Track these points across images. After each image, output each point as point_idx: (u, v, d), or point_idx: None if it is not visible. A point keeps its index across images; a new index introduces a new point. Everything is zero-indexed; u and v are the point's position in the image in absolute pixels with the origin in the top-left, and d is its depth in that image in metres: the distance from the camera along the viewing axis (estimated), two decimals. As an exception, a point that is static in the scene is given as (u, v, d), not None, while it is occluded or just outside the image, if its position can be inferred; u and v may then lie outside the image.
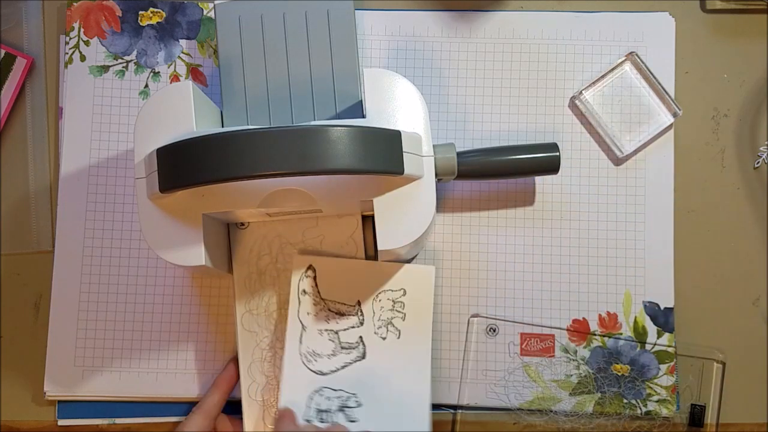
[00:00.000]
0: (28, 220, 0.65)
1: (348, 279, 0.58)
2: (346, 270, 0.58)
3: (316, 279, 0.57)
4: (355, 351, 0.57)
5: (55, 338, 0.63)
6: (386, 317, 0.57)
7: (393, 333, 0.57)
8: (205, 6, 0.66)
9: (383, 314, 0.57)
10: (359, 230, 0.60)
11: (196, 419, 0.56)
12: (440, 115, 0.65)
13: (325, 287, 0.57)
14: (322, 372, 0.57)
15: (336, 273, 0.58)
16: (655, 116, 0.65)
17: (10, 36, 0.67)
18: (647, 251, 0.64)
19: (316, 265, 0.57)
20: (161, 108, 0.54)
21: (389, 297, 0.58)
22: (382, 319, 0.57)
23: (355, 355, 0.57)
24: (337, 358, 0.57)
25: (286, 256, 0.60)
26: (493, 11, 0.66)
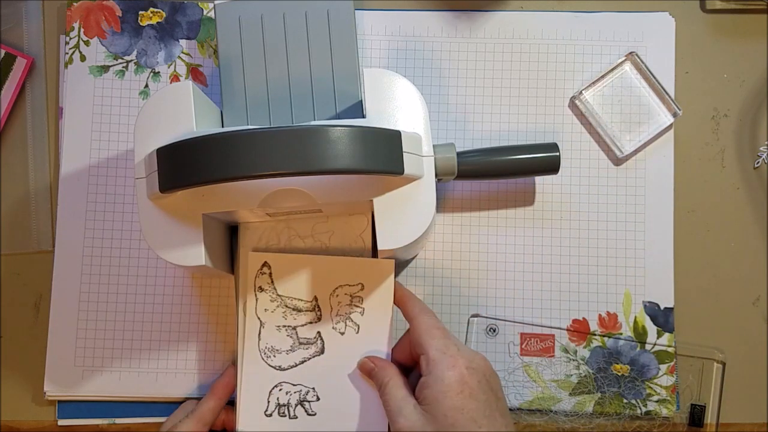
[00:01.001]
0: (28, 220, 0.65)
1: (304, 275, 0.58)
2: (302, 266, 0.58)
3: (272, 276, 0.58)
4: (313, 346, 0.57)
5: (55, 338, 0.63)
6: (344, 312, 0.58)
7: (352, 328, 0.57)
8: (205, 6, 0.66)
9: (341, 309, 0.58)
10: (368, 230, 0.60)
11: (189, 424, 0.56)
12: (440, 115, 0.65)
13: (281, 284, 0.58)
14: (281, 367, 0.57)
15: (292, 269, 0.58)
16: (655, 116, 0.65)
17: (10, 36, 0.67)
18: (647, 251, 0.64)
19: (271, 261, 0.58)
20: (161, 108, 0.54)
21: (347, 292, 0.58)
22: (340, 314, 0.58)
23: (313, 351, 0.57)
24: (295, 353, 0.57)
25: (293, 249, 0.60)
26: (493, 11, 0.66)
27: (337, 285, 0.58)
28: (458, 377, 0.50)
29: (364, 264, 0.58)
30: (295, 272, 0.58)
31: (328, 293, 0.58)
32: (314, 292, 0.58)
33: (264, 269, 0.58)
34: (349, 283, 0.58)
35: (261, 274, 0.58)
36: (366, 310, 0.57)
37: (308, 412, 0.57)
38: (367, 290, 0.58)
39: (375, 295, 0.58)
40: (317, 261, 0.58)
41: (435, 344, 0.52)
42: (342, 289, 0.58)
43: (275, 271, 0.58)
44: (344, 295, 0.58)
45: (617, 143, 0.64)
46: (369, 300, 0.58)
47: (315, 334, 0.57)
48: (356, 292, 0.58)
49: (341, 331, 0.58)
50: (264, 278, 0.58)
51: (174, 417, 0.58)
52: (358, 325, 0.57)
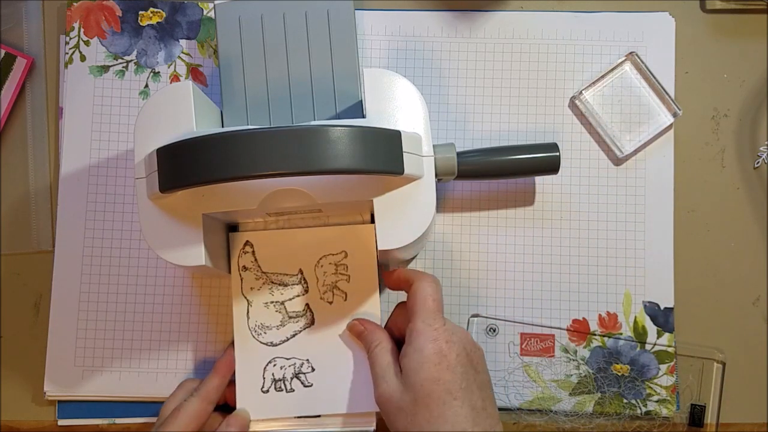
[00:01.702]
0: (28, 220, 0.65)
1: (287, 249, 0.58)
2: (283, 240, 0.58)
3: (254, 254, 0.58)
4: (303, 319, 0.58)
5: (55, 338, 0.63)
6: (330, 281, 0.58)
7: (339, 296, 0.58)
8: (205, 6, 0.66)
9: (327, 279, 0.58)
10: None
11: (195, 402, 0.56)
12: (440, 115, 0.65)
13: (265, 260, 0.58)
14: (273, 343, 0.58)
15: (274, 245, 0.58)
16: (655, 116, 0.65)
17: (10, 36, 0.67)
18: (647, 251, 0.64)
19: (252, 240, 0.58)
20: (161, 108, 0.54)
21: (331, 261, 0.58)
22: (327, 284, 0.58)
23: (303, 323, 0.58)
24: (285, 327, 0.58)
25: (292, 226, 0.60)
26: (493, 11, 0.66)
27: (321, 255, 0.58)
28: (437, 349, 0.51)
29: (345, 231, 0.59)
30: (277, 247, 0.58)
31: (313, 264, 0.58)
32: (299, 265, 0.58)
33: (246, 248, 0.58)
34: (332, 252, 0.58)
35: (243, 253, 0.58)
36: (352, 278, 0.58)
37: (304, 383, 0.57)
38: (351, 257, 0.58)
39: (359, 261, 0.58)
40: (298, 234, 0.59)
41: (423, 315, 0.53)
42: (326, 259, 0.58)
43: (258, 249, 0.58)
44: (329, 264, 0.58)
45: (617, 143, 0.64)
46: (354, 267, 0.58)
47: (303, 306, 0.58)
48: (340, 261, 0.58)
49: (329, 300, 0.58)
50: (247, 257, 0.58)
51: (175, 397, 0.58)
52: (346, 293, 0.58)
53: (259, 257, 0.58)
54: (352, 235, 0.58)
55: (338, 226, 0.59)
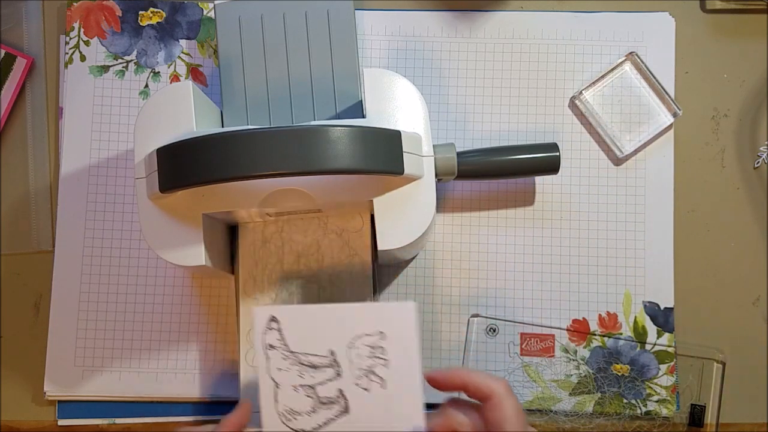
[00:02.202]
0: (28, 220, 0.65)
1: (317, 327, 0.51)
2: (312, 317, 0.52)
3: (281, 331, 0.52)
4: (336, 405, 0.51)
5: (55, 338, 0.63)
6: (366, 365, 0.51)
7: (376, 382, 0.51)
8: (205, 6, 0.66)
9: (362, 362, 0.51)
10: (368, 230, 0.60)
11: None
12: (440, 115, 0.65)
13: (293, 339, 0.51)
14: (304, 430, 0.51)
15: (302, 322, 0.52)
16: (655, 116, 0.65)
17: (10, 36, 0.67)
18: (647, 251, 0.64)
19: (279, 316, 0.52)
20: (161, 108, 0.54)
21: (366, 342, 0.51)
22: (362, 368, 0.51)
23: (337, 410, 0.51)
24: (318, 414, 0.51)
25: (292, 226, 0.60)
26: (493, 11, 0.66)
27: (355, 335, 0.51)
28: None
29: (381, 310, 0.51)
30: (306, 325, 0.51)
31: (345, 345, 0.51)
32: (330, 346, 0.51)
33: (272, 324, 0.52)
34: (368, 332, 0.51)
35: (269, 330, 0.52)
36: (390, 363, 0.50)
37: None
38: (389, 339, 0.51)
39: (398, 343, 0.50)
40: (329, 310, 0.52)
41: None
42: (360, 340, 0.51)
43: (284, 326, 0.52)
44: (364, 346, 0.51)
45: (617, 143, 0.64)
46: (392, 350, 0.50)
47: (336, 391, 0.51)
48: (377, 342, 0.51)
49: (365, 387, 0.51)
50: (273, 334, 0.52)
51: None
52: (384, 379, 0.50)
53: (286, 335, 0.51)
54: (391, 314, 0.51)
55: (374, 303, 0.53)
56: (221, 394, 0.62)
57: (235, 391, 0.61)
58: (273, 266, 0.60)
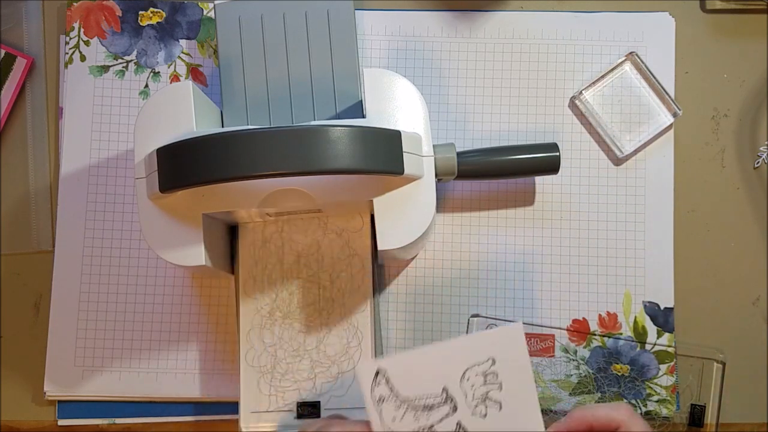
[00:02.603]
0: (28, 220, 0.65)
1: (425, 369, 0.51)
2: (419, 361, 0.51)
3: (389, 382, 0.51)
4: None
5: (55, 338, 0.63)
6: (480, 393, 0.51)
7: (493, 407, 0.51)
8: (205, 6, 0.67)
9: (476, 391, 0.51)
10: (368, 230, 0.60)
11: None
12: (440, 115, 0.65)
13: (402, 386, 0.51)
14: None
15: (409, 368, 0.51)
16: (655, 116, 0.65)
17: (10, 36, 0.67)
18: (647, 251, 0.64)
19: (385, 367, 0.51)
20: (161, 108, 0.54)
21: (477, 372, 0.51)
22: (477, 397, 0.51)
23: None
24: None
25: (292, 226, 0.60)
26: (493, 11, 0.66)
27: (465, 368, 0.51)
28: None
29: (487, 338, 0.51)
30: (414, 370, 0.51)
31: (457, 379, 0.51)
32: (442, 383, 0.51)
33: (378, 378, 0.51)
34: (478, 362, 0.51)
35: (377, 384, 0.51)
36: (504, 384, 0.51)
37: None
38: (500, 363, 0.51)
39: (510, 364, 0.51)
40: (435, 350, 0.52)
41: None
42: (471, 371, 0.51)
43: (392, 375, 0.51)
44: (476, 376, 0.51)
45: (617, 143, 0.64)
46: (504, 373, 0.51)
47: (455, 425, 0.51)
48: (488, 369, 0.51)
49: (482, 414, 0.51)
50: (381, 388, 0.51)
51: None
52: (500, 402, 0.51)
53: (395, 384, 0.51)
54: (498, 338, 0.51)
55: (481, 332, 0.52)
56: (221, 394, 0.62)
57: (235, 391, 0.61)
58: (273, 266, 0.60)
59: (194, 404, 0.63)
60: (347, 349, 0.59)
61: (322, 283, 0.60)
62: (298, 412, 0.58)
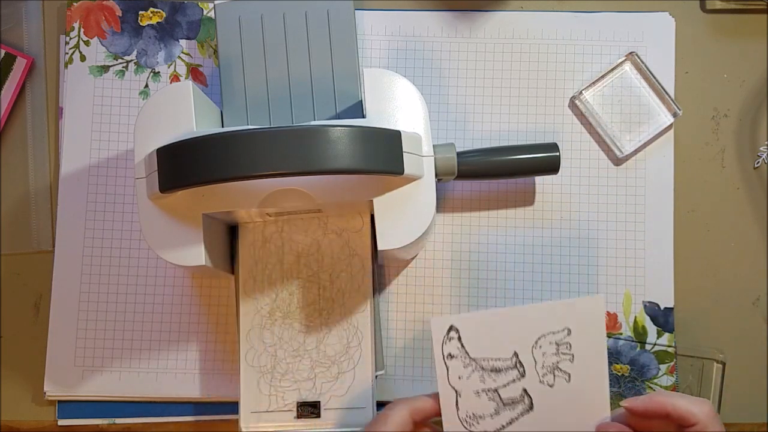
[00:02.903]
0: (28, 220, 0.65)
1: (498, 331, 0.51)
2: (493, 322, 0.51)
3: (461, 339, 0.51)
4: (520, 405, 0.51)
5: (55, 338, 0.63)
6: (551, 362, 0.50)
7: (562, 377, 0.50)
8: (205, 6, 0.67)
9: (547, 360, 0.50)
10: (368, 229, 0.60)
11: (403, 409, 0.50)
12: (440, 115, 0.65)
13: (473, 346, 0.51)
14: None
15: (482, 328, 0.51)
16: (655, 116, 0.65)
17: (10, 36, 0.67)
18: (647, 251, 0.64)
19: (458, 324, 0.51)
20: (161, 108, 0.54)
21: (551, 340, 0.50)
22: (546, 366, 0.50)
23: (521, 409, 0.51)
24: (501, 416, 0.51)
25: (292, 226, 0.60)
26: (493, 11, 0.66)
27: (540, 334, 0.50)
28: None
29: (569, 307, 0.51)
30: (486, 331, 0.51)
31: (530, 346, 0.50)
32: (513, 348, 0.51)
33: (451, 334, 0.51)
34: (553, 330, 0.50)
35: (448, 340, 0.51)
36: (576, 356, 0.50)
37: None
38: (576, 334, 0.50)
39: (585, 337, 0.50)
40: (511, 313, 0.51)
41: None
42: (545, 338, 0.50)
43: (464, 334, 0.51)
44: (549, 344, 0.50)
45: (617, 143, 0.64)
46: (578, 344, 0.50)
47: (520, 391, 0.51)
48: (563, 339, 0.50)
49: (550, 383, 0.50)
50: (452, 344, 0.51)
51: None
52: (569, 374, 0.50)
53: (466, 343, 0.51)
54: (578, 309, 0.50)
55: (561, 301, 0.51)
56: (221, 394, 0.62)
57: (235, 391, 0.61)
58: (273, 266, 0.60)
59: (194, 404, 0.63)
60: (347, 349, 0.59)
61: (322, 283, 0.60)
62: (298, 412, 0.58)
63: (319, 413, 0.58)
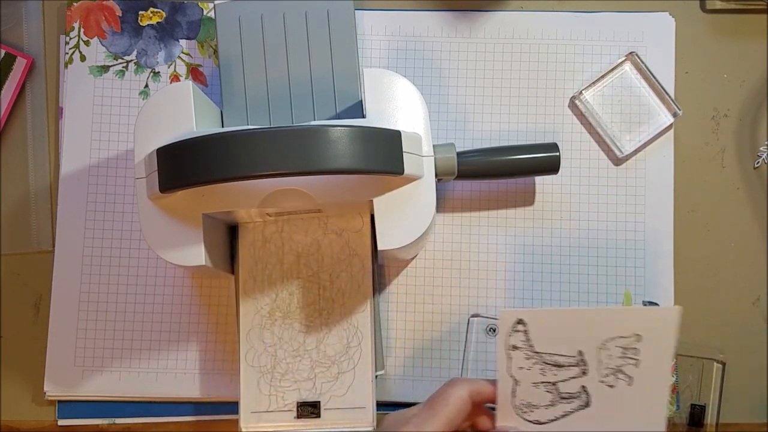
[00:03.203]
0: (28, 220, 0.65)
1: (566, 329, 0.51)
2: (563, 320, 0.52)
3: (527, 333, 0.52)
4: (577, 400, 0.51)
5: (55, 338, 0.63)
6: (615, 365, 0.51)
7: (623, 380, 0.51)
8: (205, 6, 0.67)
9: (611, 362, 0.51)
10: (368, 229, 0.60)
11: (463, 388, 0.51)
12: (440, 115, 0.65)
13: (538, 339, 0.52)
14: (539, 422, 0.52)
15: (550, 324, 0.52)
16: (655, 116, 0.65)
17: (10, 36, 0.67)
18: (647, 251, 0.64)
19: (526, 318, 0.52)
20: (161, 108, 0.54)
21: (618, 344, 0.51)
22: (610, 368, 0.51)
23: (577, 404, 0.51)
24: (556, 408, 0.52)
25: (292, 226, 0.60)
26: (493, 11, 0.66)
27: (608, 337, 0.51)
28: None
29: (642, 313, 0.52)
30: (554, 327, 0.52)
31: (596, 346, 0.51)
32: (579, 346, 0.51)
33: (518, 327, 0.52)
34: (622, 334, 0.51)
35: (514, 332, 0.52)
36: (641, 362, 0.50)
37: None
38: (645, 341, 0.50)
39: (654, 345, 0.50)
40: (583, 314, 0.53)
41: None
42: (613, 342, 0.51)
43: (531, 328, 0.52)
44: (615, 347, 0.51)
45: (617, 143, 0.64)
46: (646, 352, 0.50)
47: (579, 388, 0.51)
48: (630, 344, 0.51)
49: (610, 384, 0.51)
50: (518, 336, 0.52)
51: None
52: (631, 378, 0.50)
53: (532, 336, 0.52)
54: (651, 318, 0.51)
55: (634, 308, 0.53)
56: (221, 394, 0.62)
57: (235, 391, 0.61)
58: (273, 266, 0.60)
59: (194, 404, 0.63)
60: (347, 349, 0.59)
61: (322, 283, 0.60)
62: (298, 412, 0.58)
63: (319, 413, 0.58)
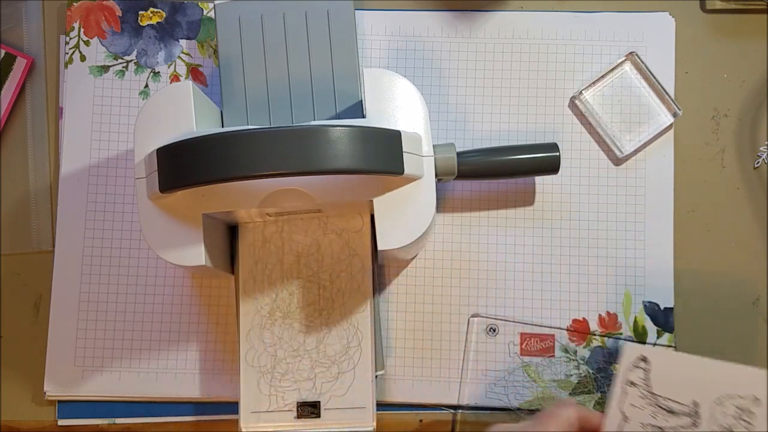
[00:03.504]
0: (28, 220, 0.65)
1: (687, 376, 0.51)
2: (686, 366, 0.51)
3: (648, 372, 0.52)
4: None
5: (55, 338, 0.63)
6: (727, 423, 0.50)
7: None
8: (205, 6, 0.67)
9: (724, 420, 0.50)
10: (368, 229, 0.60)
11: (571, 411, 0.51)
12: (440, 115, 0.65)
13: (657, 381, 0.51)
14: None
15: (674, 368, 0.52)
16: (655, 116, 0.65)
17: (10, 36, 0.67)
18: (647, 251, 0.64)
19: (650, 357, 0.52)
20: (161, 108, 0.54)
21: (735, 403, 0.50)
22: (722, 426, 0.50)
23: None
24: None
25: (292, 226, 0.60)
26: (493, 11, 0.66)
27: (726, 393, 0.51)
28: None
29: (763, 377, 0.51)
30: (676, 372, 0.52)
31: (713, 401, 0.51)
32: (696, 397, 0.51)
33: (640, 364, 0.52)
34: (741, 394, 0.50)
35: (635, 367, 0.52)
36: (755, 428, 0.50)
37: None
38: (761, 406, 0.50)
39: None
40: (704, 363, 0.52)
41: None
42: (731, 400, 0.50)
43: (653, 368, 0.52)
44: (731, 405, 0.50)
45: (617, 143, 0.64)
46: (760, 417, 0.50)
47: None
48: (747, 406, 0.50)
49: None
50: (638, 373, 0.52)
51: None
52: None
53: (651, 376, 0.52)
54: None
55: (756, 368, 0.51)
56: (221, 394, 0.62)
57: (235, 391, 0.61)
58: (273, 266, 0.60)
59: (194, 404, 0.63)
60: (347, 349, 0.59)
61: (322, 283, 0.60)
62: (298, 412, 0.58)
63: (319, 413, 0.58)
